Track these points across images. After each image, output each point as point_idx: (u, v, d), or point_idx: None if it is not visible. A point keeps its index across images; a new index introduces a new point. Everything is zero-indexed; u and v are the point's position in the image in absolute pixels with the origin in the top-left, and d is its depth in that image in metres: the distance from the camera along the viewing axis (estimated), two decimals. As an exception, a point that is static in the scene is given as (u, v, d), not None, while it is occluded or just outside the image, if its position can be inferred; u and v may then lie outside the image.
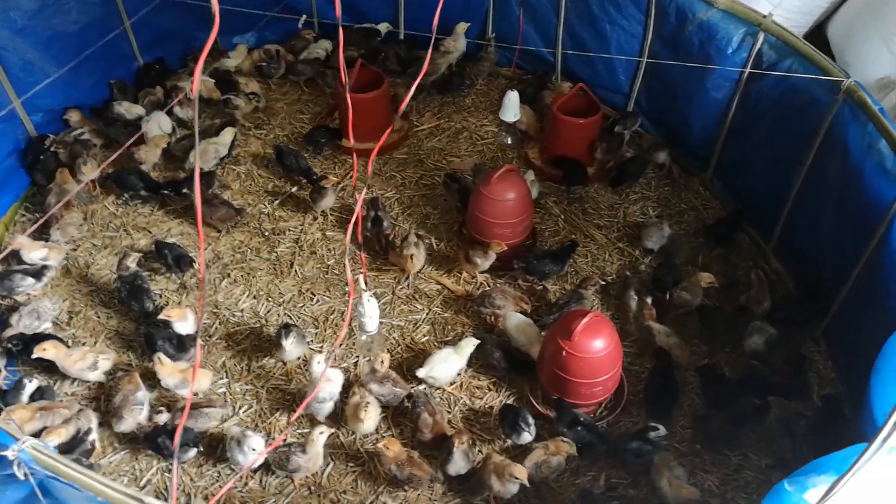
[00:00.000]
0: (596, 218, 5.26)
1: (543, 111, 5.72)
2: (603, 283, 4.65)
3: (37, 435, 3.63)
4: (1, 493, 2.51)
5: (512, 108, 5.46)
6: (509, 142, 5.74)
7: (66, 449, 3.63)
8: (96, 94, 5.79)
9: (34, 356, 3.94)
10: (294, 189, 5.41)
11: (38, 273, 4.55)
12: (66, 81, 5.44)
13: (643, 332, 4.34)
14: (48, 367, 4.12)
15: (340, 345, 4.35)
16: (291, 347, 4.10)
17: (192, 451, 3.73)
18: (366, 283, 4.08)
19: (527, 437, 3.72)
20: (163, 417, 3.83)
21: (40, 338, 4.12)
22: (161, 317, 4.16)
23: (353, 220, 3.21)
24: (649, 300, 4.46)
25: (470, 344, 4.09)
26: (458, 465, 3.61)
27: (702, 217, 5.24)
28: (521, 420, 3.68)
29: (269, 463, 3.73)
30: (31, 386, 3.89)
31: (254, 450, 3.61)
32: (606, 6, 5.51)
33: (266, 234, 5.13)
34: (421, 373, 4.03)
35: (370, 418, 3.79)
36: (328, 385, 3.85)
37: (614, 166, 5.49)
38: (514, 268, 4.72)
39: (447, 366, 4.07)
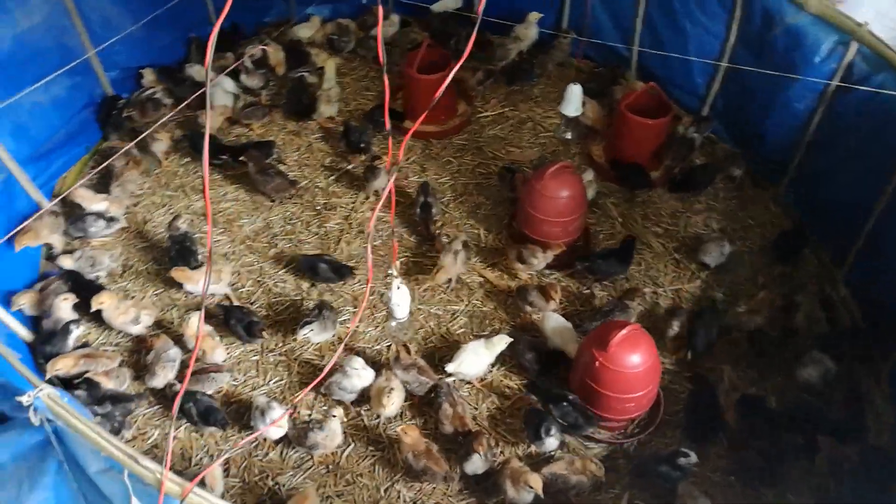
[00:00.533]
0: (655, 225, 5.03)
1: (612, 107, 5.49)
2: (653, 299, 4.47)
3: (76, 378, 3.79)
4: (18, 436, 2.59)
5: (573, 102, 5.27)
6: (569, 136, 5.55)
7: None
8: (171, 54, 5.92)
9: (92, 309, 4.09)
10: (350, 167, 5.39)
11: (109, 219, 4.76)
12: (143, 40, 5.58)
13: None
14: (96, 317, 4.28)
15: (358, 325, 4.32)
16: (311, 335, 4.12)
17: (215, 429, 3.80)
18: (396, 271, 4.01)
19: (550, 444, 3.61)
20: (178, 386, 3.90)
21: (92, 285, 4.31)
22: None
23: (381, 202, 3.11)
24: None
25: (502, 341, 3.99)
26: (476, 465, 3.54)
27: (768, 234, 4.93)
28: (545, 427, 3.56)
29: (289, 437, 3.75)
30: (77, 332, 4.02)
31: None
32: (689, 2, 5.22)
33: (318, 208, 5.14)
34: (450, 367, 3.95)
35: (392, 404, 3.75)
36: (357, 381, 3.84)
37: (681, 172, 5.23)
38: (569, 267, 4.58)
39: (477, 359, 3.99)
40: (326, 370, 3.58)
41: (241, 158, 5.12)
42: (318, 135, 5.69)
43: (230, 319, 4.18)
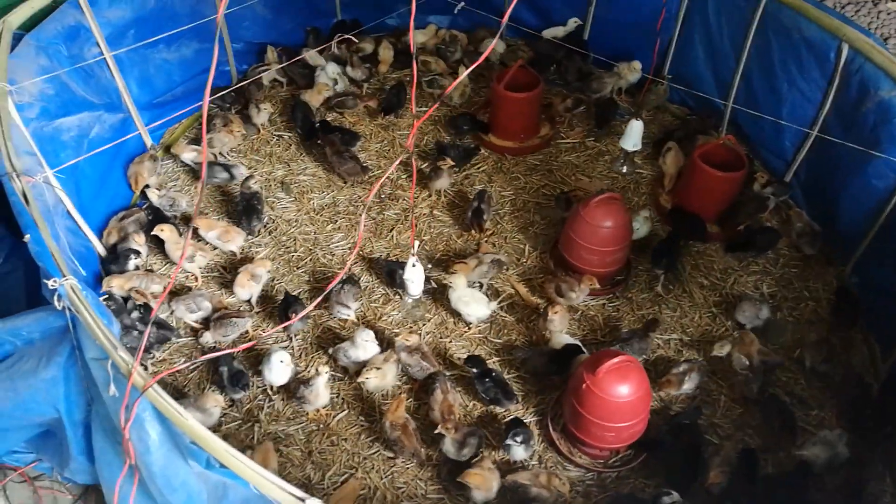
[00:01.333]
0: (703, 276, 4.94)
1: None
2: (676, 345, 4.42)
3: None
4: (48, 317, 3.04)
5: (633, 136, 5.30)
6: (624, 170, 5.56)
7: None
8: (292, 37, 6.49)
9: (152, 233, 4.63)
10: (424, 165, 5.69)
11: (230, 170, 5.34)
12: (269, 21, 6.19)
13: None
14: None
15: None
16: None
17: (241, 394, 4.11)
18: (415, 249, 4.24)
19: (517, 452, 3.69)
20: (206, 336, 4.30)
21: (167, 222, 4.88)
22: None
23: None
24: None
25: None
26: (447, 447, 3.71)
27: (821, 311, 4.71)
28: (513, 434, 3.64)
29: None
30: (135, 261, 4.57)
31: (282, 362, 3.98)
32: (789, 64, 5.11)
33: (382, 196, 5.47)
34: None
35: (372, 378, 3.98)
36: (361, 352, 4.11)
37: (746, 230, 5.10)
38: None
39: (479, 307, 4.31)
40: (332, 284, 3.82)
41: (318, 141, 5.56)
42: (405, 132, 6.04)
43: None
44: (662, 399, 4.20)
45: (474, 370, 4.04)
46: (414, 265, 4.17)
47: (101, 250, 4.67)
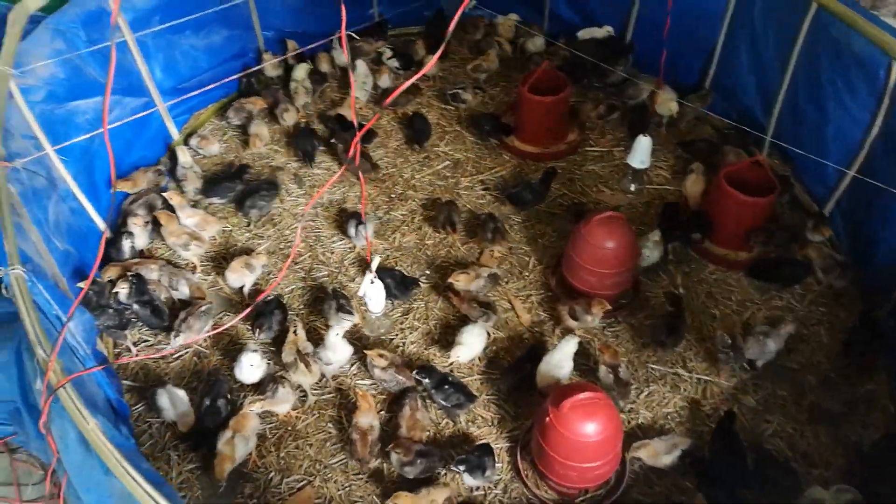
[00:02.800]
0: (716, 306, 4.58)
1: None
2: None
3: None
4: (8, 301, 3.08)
5: (640, 153, 4.99)
6: (633, 188, 5.21)
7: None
8: (323, 26, 6.40)
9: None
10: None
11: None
12: (302, 11, 6.15)
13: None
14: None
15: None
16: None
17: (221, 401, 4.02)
18: (374, 265, 4.16)
19: (466, 479, 3.57)
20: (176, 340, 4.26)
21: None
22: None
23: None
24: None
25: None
26: (394, 464, 3.65)
27: (839, 363, 4.26)
28: (457, 462, 3.55)
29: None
30: (128, 243, 4.65)
31: (252, 366, 3.95)
32: (837, 80, 4.64)
33: (392, 196, 5.35)
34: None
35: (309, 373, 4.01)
36: (331, 354, 4.05)
37: (774, 259, 4.69)
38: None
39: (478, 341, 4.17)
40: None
41: (332, 140, 5.49)
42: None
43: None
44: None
45: (427, 380, 3.89)
46: (372, 282, 4.05)
47: (104, 230, 4.76)
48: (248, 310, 4.07)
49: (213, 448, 3.66)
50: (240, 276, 4.54)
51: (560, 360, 3.94)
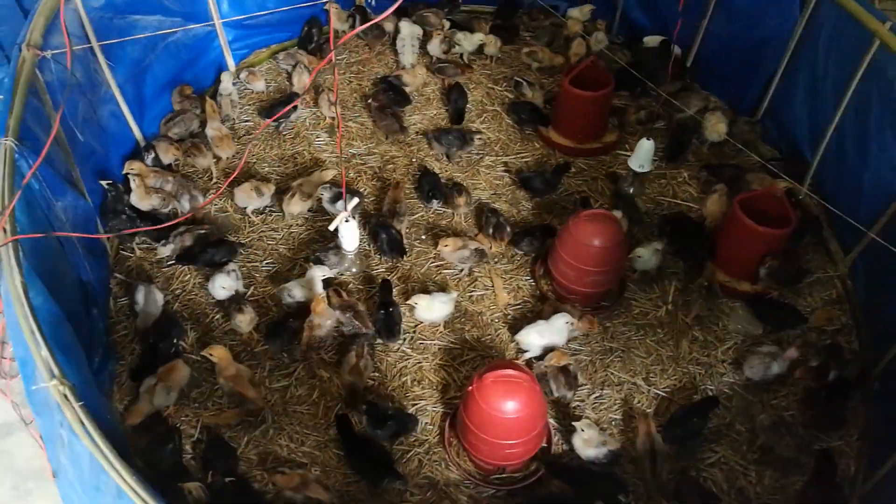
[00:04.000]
0: (702, 332, 4.42)
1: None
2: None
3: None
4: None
5: (640, 156, 4.85)
6: (631, 191, 5.04)
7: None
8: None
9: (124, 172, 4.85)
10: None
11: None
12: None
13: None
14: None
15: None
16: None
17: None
18: (347, 206, 4.24)
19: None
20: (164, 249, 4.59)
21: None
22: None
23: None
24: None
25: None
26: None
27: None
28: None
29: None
30: (149, 157, 4.97)
31: (223, 288, 4.17)
32: (885, 126, 4.33)
33: (414, 160, 5.44)
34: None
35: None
36: (297, 291, 4.25)
37: (774, 300, 4.49)
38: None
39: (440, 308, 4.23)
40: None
41: (369, 100, 5.64)
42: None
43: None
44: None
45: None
46: (347, 220, 4.15)
47: (139, 136, 5.11)
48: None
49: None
50: (246, 198, 4.77)
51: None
